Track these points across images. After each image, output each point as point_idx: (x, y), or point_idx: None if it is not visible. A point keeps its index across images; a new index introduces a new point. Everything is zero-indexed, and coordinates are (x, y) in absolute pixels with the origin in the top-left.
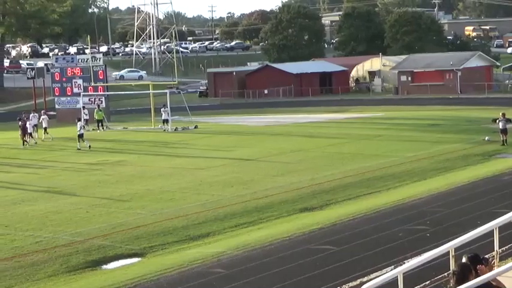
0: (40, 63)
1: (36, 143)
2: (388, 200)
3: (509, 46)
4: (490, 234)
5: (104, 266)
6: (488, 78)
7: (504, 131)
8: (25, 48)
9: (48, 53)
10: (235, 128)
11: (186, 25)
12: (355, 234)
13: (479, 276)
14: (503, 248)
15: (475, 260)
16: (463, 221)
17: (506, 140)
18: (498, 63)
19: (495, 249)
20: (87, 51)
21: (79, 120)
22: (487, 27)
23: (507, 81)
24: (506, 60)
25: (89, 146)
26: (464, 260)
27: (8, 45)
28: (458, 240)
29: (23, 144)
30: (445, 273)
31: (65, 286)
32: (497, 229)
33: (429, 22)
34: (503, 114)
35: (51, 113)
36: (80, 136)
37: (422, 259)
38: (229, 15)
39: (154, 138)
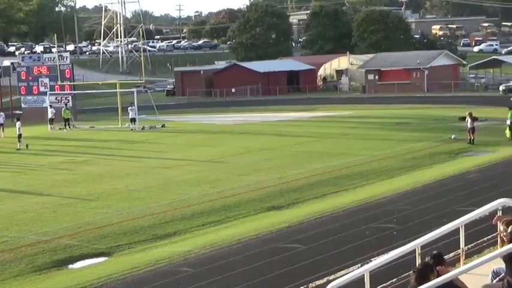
0: (6, 62)
1: None
2: (355, 198)
3: (475, 45)
4: (456, 232)
5: (71, 266)
6: (455, 76)
7: (472, 130)
8: None
9: (14, 52)
10: (203, 127)
11: (153, 24)
12: (322, 232)
13: (440, 276)
14: (469, 246)
15: (439, 258)
16: (430, 219)
17: (473, 138)
18: (465, 62)
19: (461, 247)
20: (53, 50)
21: (18, 119)
22: (454, 26)
23: (471, 79)
24: (472, 59)
25: (27, 146)
26: (427, 259)
27: None
28: (424, 238)
29: None
30: (411, 271)
31: (31, 286)
32: (463, 227)
33: (396, 21)
34: (470, 114)
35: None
36: (19, 136)
37: (389, 257)
38: (196, 13)
39: (122, 137)
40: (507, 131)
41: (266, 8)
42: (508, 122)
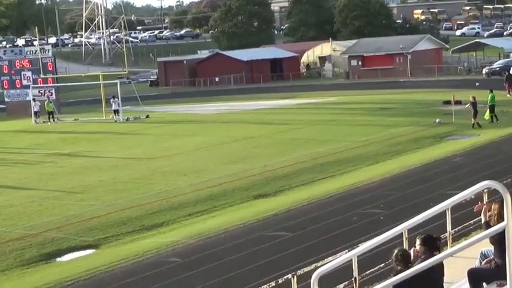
0: None
1: None
2: (341, 184)
3: (457, 28)
4: (442, 215)
5: (58, 259)
6: (438, 61)
7: (474, 114)
8: None
9: None
10: (187, 117)
11: (135, 15)
12: (309, 219)
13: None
14: (456, 229)
15: (428, 241)
16: (417, 203)
17: (477, 122)
18: (447, 46)
19: (448, 230)
20: (35, 43)
21: None
22: (436, 10)
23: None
24: (455, 42)
25: None
26: (418, 241)
27: None
28: (411, 221)
29: None
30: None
31: (19, 280)
32: (449, 210)
33: (378, 6)
34: (474, 98)
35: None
36: None
37: (376, 241)
38: (178, 3)
39: (106, 129)
40: (487, 114)
41: None
42: (489, 105)
